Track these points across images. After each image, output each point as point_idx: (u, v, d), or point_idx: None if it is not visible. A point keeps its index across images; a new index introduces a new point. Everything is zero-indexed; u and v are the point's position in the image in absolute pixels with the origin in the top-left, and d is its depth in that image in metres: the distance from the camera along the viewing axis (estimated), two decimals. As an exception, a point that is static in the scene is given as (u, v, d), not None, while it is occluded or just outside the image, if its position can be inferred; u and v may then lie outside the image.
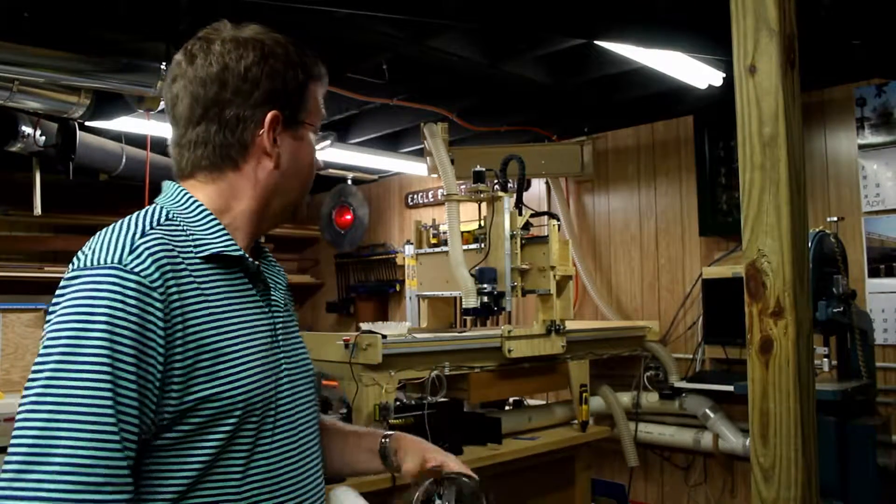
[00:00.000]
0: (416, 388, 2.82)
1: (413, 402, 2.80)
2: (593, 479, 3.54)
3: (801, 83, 1.24)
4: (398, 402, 2.74)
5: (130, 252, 0.92)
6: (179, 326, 0.92)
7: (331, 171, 5.29)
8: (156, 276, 0.91)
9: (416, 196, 5.55)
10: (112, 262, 0.91)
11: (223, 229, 1.04)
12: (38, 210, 3.92)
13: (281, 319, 1.12)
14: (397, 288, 5.53)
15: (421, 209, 5.49)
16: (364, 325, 2.73)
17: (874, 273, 3.34)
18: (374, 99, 3.63)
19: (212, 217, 1.05)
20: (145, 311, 0.89)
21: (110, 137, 3.98)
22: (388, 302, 5.75)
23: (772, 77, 1.20)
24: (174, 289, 0.93)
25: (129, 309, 0.88)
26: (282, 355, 1.10)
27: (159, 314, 0.90)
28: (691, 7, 2.61)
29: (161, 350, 0.90)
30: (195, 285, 0.97)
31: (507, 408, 3.43)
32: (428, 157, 3.87)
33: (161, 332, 0.90)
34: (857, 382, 2.72)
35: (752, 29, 1.22)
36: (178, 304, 0.93)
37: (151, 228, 0.98)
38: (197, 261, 0.99)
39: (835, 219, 2.91)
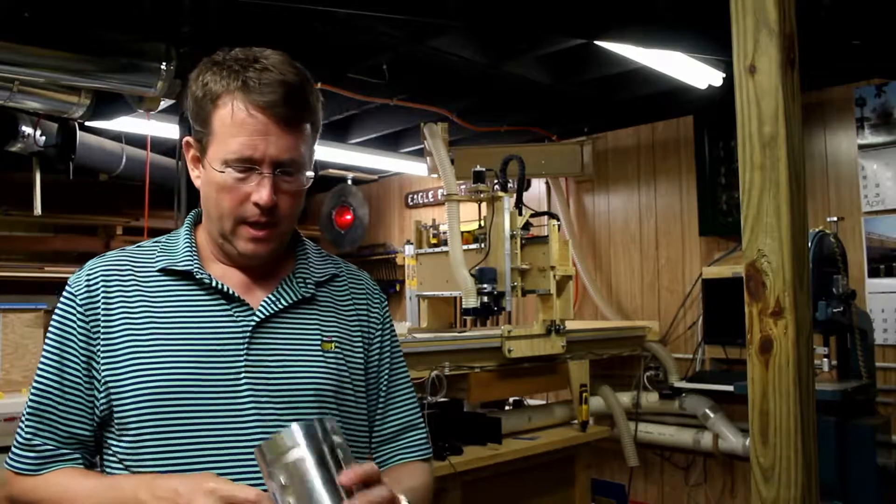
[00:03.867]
0: (416, 388, 2.81)
1: (413, 402, 2.80)
2: (593, 479, 3.54)
3: (801, 83, 1.24)
4: (398, 402, 2.73)
5: (81, 271, 1.17)
6: (102, 321, 1.12)
7: (331, 171, 5.29)
8: (81, 287, 1.14)
9: (416, 196, 5.55)
10: (69, 281, 1.17)
11: (190, 250, 1.17)
12: (38, 210, 3.92)
13: (261, 329, 1.11)
14: (397, 288, 5.53)
15: (421, 209, 5.49)
16: (364, 325, 2.72)
17: (874, 273, 3.34)
18: (374, 99, 3.63)
19: (187, 239, 1.19)
20: (67, 312, 1.14)
21: (110, 137, 3.98)
22: (388, 302, 5.74)
23: (772, 77, 1.20)
24: (101, 294, 1.13)
25: (59, 311, 1.15)
26: (246, 366, 1.08)
27: (76, 312, 1.13)
28: (691, 7, 2.61)
29: (81, 337, 1.12)
30: (137, 290, 1.14)
31: (507, 408, 3.43)
32: (428, 157, 3.87)
33: (77, 325, 1.12)
34: (857, 382, 2.73)
35: (752, 29, 1.22)
36: (101, 305, 1.12)
37: (123, 250, 1.20)
38: (152, 272, 1.15)
39: (835, 219, 2.91)
